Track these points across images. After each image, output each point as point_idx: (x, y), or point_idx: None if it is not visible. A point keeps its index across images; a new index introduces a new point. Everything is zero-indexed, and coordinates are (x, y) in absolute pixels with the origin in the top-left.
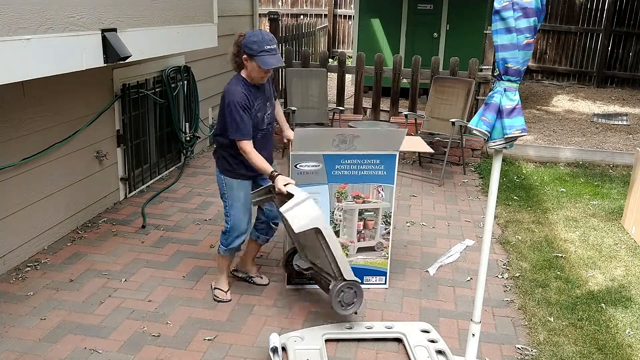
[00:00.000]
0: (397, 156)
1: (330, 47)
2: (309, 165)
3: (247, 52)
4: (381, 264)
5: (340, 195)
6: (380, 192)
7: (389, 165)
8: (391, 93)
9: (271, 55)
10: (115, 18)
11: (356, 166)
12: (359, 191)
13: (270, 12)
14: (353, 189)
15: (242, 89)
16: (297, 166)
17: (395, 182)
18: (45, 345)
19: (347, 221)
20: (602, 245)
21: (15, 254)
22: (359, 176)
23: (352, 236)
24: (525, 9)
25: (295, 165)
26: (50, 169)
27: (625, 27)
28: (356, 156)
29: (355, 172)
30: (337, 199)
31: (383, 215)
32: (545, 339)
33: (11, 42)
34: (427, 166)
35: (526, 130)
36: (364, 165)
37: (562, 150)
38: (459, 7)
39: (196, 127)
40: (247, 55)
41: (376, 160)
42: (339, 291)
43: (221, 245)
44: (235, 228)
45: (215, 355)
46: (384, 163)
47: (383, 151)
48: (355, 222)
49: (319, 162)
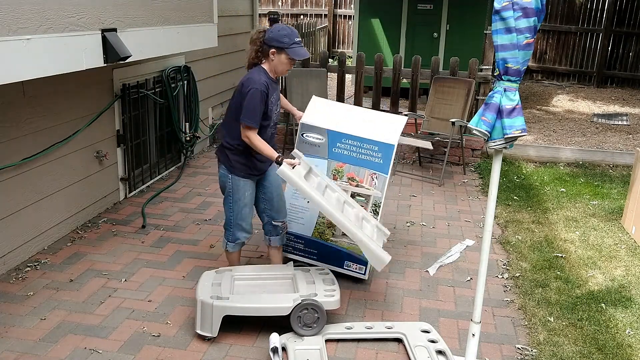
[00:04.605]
0: (394, 147)
1: (330, 47)
2: (313, 137)
3: (276, 46)
4: None
5: (336, 174)
6: (374, 180)
7: (386, 154)
8: (391, 93)
9: (300, 47)
10: (115, 18)
11: (356, 148)
12: (354, 173)
13: (270, 12)
14: (349, 170)
15: (265, 79)
16: (303, 135)
17: (389, 173)
18: (45, 345)
19: None
20: (602, 245)
21: (15, 254)
22: (357, 159)
23: None
24: (525, 9)
25: (302, 134)
26: (50, 169)
27: (625, 27)
28: (357, 138)
29: (354, 154)
30: (333, 176)
31: (373, 204)
32: (545, 339)
33: (11, 42)
34: (427, 166)
35: (526, 130)
36: (363, 149)
37: (562, 150)
38: (459, 7)
39: (196, 127)
40: (276, 48)
41: (375, 147)
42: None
43: (228, 242)
44: (239, 224)
45: (215, 355)
46: (382, 152)
47: (382, 137)
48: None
49: (323, 136)
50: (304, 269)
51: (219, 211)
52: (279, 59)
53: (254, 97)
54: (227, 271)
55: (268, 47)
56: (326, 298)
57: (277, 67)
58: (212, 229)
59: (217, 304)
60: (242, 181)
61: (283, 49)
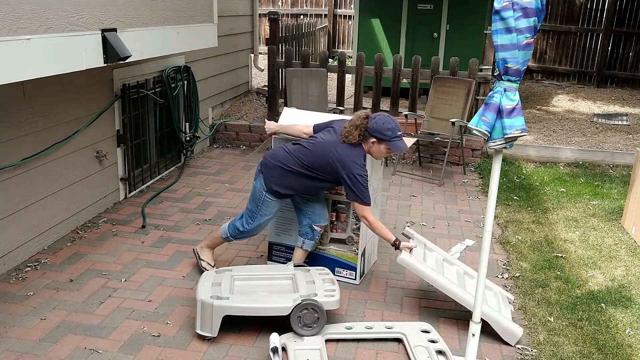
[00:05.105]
0: None
1: (330, 47)
2: None
3: (378, 137)
4: (352, 259)
5: None
6: None
7: None
8: (391, 93)
9: (401, 140)
10: (115, 18)
11: None
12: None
13: (270, 12)
14: None
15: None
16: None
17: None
18: (45, 345)
19: None
20: (602, 245)
21: (15, 254)
22: None
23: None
24: (525, 9)
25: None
26: (50, 169)
27: (625, 27)
28: None
29: None
30: None
31: (354, 210)
32: (545, 339)
33: (11, 42)
34: (427, 166)
35: (526, 130)
36: None
37: (562, 150)
38: (459, 7)
39: (196, 127)
40: (377, 139)
41: None
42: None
43: (231, 236)
44: (251, 233)
45: (215, 355)
46: None
47: None
48: (329, 212)
49: None
50: (304, 269)
51: (219, 211)
52: (378, 148)
53: (364, 182)
54: (227, 271)
55: (370, 135)
56: (326, 298)
57: (375, 154)
58: (212, 229)
59: (217, 304)
60: (275, 201)
61: (385, 140)
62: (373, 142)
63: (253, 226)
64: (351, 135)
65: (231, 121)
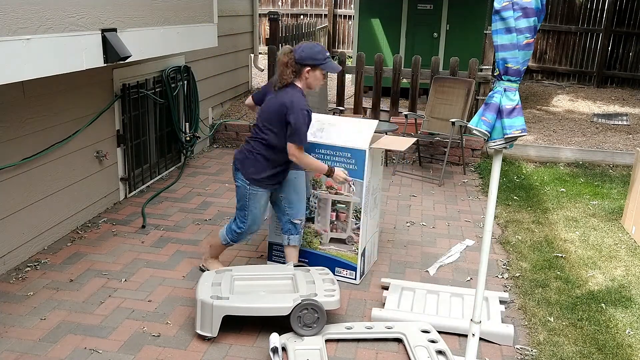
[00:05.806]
0: (366, 152)
1: (330, 47)
2: None
3: (310, 64)
4: (351, 259)
5: (315, 184)
6: (351, 186)
7: (359, 160)
8: (391, 93)
9: (332, 61)
10: (115, 18)
11: (329, 157)
12: (332, 182)
13: (270, 12)
14: (326, 179)
15: (304, 100)
16: None
17: (365, 178)
18: (45, 345)
19: (322, 210)
20: (602, 245)
21: (15, 254)
22: None
23: (325, 225)
24: (525, 9)
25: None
26: (50, 169)
27: (625, 27)
28: (329, 147)
29: (328, 163)
30: (313, 187)
31: (354, 210)
32: (545, 339)
33: (11, 42)
34: (427, 166)
35: (526, 130)
36: (336, 157)
37: (562, 150)
38: (459, 7)
39: (196, 127)
40: (311, 66)
41: (347, 153)
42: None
43: (231, 240)
44: (249, 230)
45: (215, 355)
46: (355, 157)
47: (354, 143)
48: (329, 211)
49: None
50: (304, 269)
51: (219, 211)
52: (313, 76)
53: (305, 121)
54: (227, 271)
55: (301, 66)
56: (326, 298)
57: (312, 84)
58: (212, 229)
59: (217, 304)
60: (260, 191)
61: (317, 65)
62: (308, 71)
63: (248, 224)
64: (284, 74)
65: (231, 121)
